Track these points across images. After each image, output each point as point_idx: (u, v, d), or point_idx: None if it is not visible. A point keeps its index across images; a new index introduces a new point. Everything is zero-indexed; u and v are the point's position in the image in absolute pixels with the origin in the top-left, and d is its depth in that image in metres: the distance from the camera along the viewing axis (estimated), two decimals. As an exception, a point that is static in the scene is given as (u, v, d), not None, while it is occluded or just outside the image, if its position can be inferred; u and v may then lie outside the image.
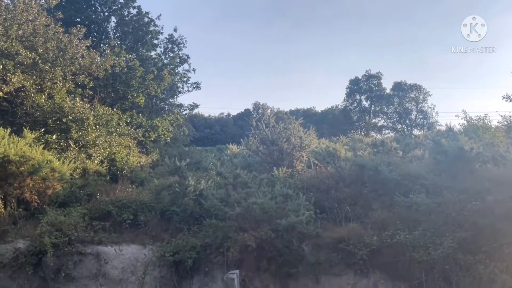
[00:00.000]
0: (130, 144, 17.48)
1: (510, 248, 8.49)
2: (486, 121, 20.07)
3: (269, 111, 16.85)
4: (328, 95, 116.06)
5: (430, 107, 52.66)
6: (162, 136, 22.71)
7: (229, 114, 65.62)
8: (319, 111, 67.01)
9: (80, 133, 14.14)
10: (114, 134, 16.11)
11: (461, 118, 20.62)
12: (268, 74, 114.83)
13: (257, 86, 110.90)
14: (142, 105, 21.61)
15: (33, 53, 13.60)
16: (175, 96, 27.97)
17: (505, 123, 18.25)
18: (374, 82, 54.76)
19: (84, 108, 14.58)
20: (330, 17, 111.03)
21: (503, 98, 21.77)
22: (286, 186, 10.98)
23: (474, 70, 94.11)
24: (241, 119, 56.18)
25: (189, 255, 9.47)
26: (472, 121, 19.85)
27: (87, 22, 23.04)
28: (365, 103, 55.97)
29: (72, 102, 14.31)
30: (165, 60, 26.37)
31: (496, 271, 8.26)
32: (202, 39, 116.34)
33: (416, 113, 53.01)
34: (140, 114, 21.14)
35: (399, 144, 21.05)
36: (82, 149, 14.08)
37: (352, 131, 53.40)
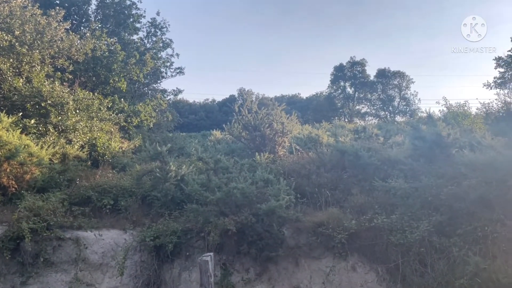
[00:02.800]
0: (112, 129, 17.30)
1: (483, 231, 8.71)
2: (465, 108, 20.41)
3: (254, 97, 16.86)
4: (314, 82, 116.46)
5: (412, 94, 53.29)
6: (145, 122, 22.50)
7: (214, 100, 65.50)
8: (304, 97, 67.42)
9: (60, 117, 13.91)
10: (95, 119, 15.90)
11: (442, 105, 20.91)
12: (254, 60, 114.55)
13: (243, 72, 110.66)
14: (124, 90, 21.33)
15: (9, 35, 13.26)
16: (159, 81, 27.80)
17: (484, 110, 18.59)
18: (358, 69, 54.96)
19: (63, 92, 14.32)
20: (320, 4, 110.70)
21: (484, 85, 22.17)
22: (267, 171, 11.05)
23: (457, 58, 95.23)
24: (226, 105, 55.92)
25: (169, 239, 9.50)
26: (452, 108, 20.16)
27: (66, 4, 22.49)
28: (349, 90, 56.25)
29: (51, 86, 14.04)
30: (147, 45, 26.05)
31: (469, 253, 8.48)
32: (187, 23, 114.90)
33: (399, 100, 53.51)
34: (122, 99, 20.88)
35: (381, 130, 21.30)
36: (61, 134, 13.87)
37: (336, 118, 53.78)
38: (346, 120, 50.80)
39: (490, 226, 8.67)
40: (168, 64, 27.22)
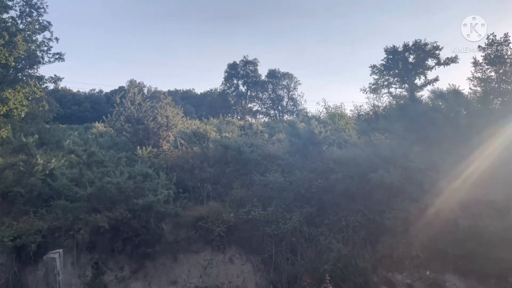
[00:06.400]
0: (-30, 118, 15.18)
1: (346, 221, 9.60)
2: (342, 109, 22.31)
3: (145, 89, 16.24)
4: (209, 78, 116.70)
5: (299, 95, 56.73)
6: (15, 111, 20.14)
7: (101, 91, 61.32)
8: (199, 93, 67.05)
9: None
10: None
11: (321, 106, 22.62)
12: (148, 52, 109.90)
13: (136, 64, 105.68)
14: (-12, 74, 18.83)
15: None
16: (35, 67, 25.04)
17: (356, 111, 20.50)
18: (250, 68, 56.56)
19: None
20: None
21: (360, 90, 24.52)
22: (148, 165, 10.73)
23: (344, 63, 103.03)
24: (114, 97, 53.06)
25: (33, 239, 8.71)
26: (330, 109, 21.87)
27: None
28: (242, 88, 57.61)
29: None
30: (20, 25, 23.32)
31: (333, 241, 9.25)
32: (76, 9, 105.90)
33: (287, 100, 56.44)
34: (-14, 84, 18.44)
35: (268, 127, 22.18)
36: None
37: (229, 115, 54.65)
38: (239, 117, 51.87)
39: (352, 216, 9.58)
40: (46, 48, 24.68)
